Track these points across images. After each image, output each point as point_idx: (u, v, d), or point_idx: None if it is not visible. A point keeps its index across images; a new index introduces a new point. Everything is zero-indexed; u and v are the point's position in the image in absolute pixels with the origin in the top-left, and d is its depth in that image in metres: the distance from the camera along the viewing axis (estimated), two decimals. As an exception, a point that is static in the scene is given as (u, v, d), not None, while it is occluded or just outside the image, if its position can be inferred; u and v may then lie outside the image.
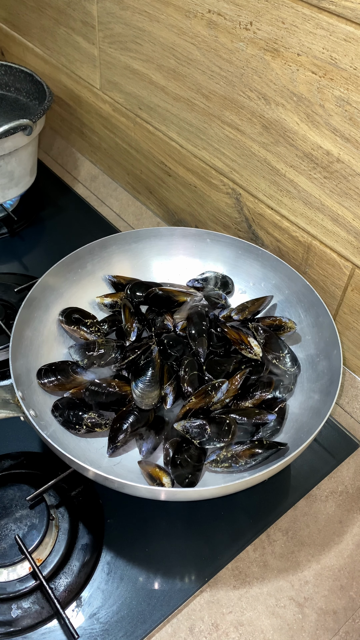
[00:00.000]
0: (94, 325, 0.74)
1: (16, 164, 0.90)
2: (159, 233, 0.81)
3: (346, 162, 0.61)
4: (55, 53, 1.01)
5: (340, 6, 0.54)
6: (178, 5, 0.71)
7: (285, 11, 0.59)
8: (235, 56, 0.67)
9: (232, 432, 0.61)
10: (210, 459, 0.61)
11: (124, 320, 0.72)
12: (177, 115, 0.81)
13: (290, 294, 0.74)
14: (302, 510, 0.66)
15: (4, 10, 1.09)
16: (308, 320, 0.72)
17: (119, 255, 0.81)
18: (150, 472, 0.61)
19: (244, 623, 0.57)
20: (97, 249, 0.79)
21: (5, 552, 0.58)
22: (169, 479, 0.60)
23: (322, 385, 0.66)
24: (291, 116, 0.65)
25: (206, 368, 0.68)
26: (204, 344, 0.69)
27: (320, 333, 0.70)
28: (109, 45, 0.87)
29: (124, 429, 0.63)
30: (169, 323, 0.73)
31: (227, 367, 0.68)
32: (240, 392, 0.67)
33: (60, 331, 0.74)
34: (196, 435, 0.62)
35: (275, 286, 0.76)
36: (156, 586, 0.59)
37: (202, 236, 0.80)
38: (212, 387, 0.64)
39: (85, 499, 0.65)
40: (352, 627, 0.58)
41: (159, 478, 0.60)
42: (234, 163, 0.76)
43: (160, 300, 0.75)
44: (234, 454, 0.61)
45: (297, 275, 0.73)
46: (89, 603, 0.58)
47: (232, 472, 0.61)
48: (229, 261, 0.80)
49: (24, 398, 0.62)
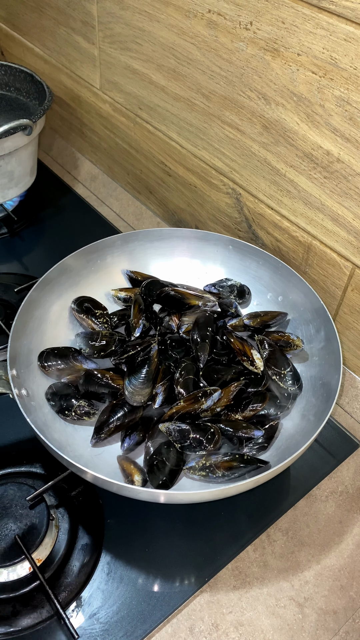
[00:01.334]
0: (103, 316, 0.75)
1: (16, 164, 0.90)
2: (182, 234, 0.81)
3: (346, 162, 0.61)
4: (55, 53, 1.01)
5: (340, 6, 0.54)
6: (178, 5, 0.71)
7: (285, 11, 0.59)
8: (235, 56, 0.67)
9: (215, 441, 0.60)
10: (189, 465, 0.61)
11: (131, 315, 0.73)
12: (177, 115, 0.81)
13: (305, 312, 0.73)
14: (302, 510, 0.66)
15: (4, 10, 1.09)
16: (317, 341, 0.70)
17: (140, 251, 0.81)
18: (124, 468, 0.62)
19: (244, 623, 0.57)
20: (119, 242, 0.79)
21: (5, 552, 0.58)
22: (141, 478, 0.60)
23: (318, 408, 0.65)
24: (291, 116, 0.65)
25: (203, 374, 0.67)
26: (205, 349, 0.68)
27: (326, 356, 0.68)
28: (109, 45, 0.87)
29: (110, 422, 0.63)
30: (173, 324, 0.73)
31: (224, 376, 0.67)
32: (234, 403, 0.66)
33: (71, 318, 0.75)
34: (178, 438, 0.61)
35: (292, 303, 0.74)
36: (156, 586, 0.59)
37: (225, 243, 0.79)
38: (204, 394, 0.64)
39: (85, 499, 0.65)
40: (352, 627, 0.58)
41: (131, 474, 0.61)
42: (234, 163, 0.76)
43: (171, 301, 0.75)
44: (213, 464, 0.60)
45: (315, 296, 0.71)
46: (89, 603, 0.58)
47: (209, 482, 0.61)
48: (249, 271, 0.79)
49: (18, 377, 0.63)
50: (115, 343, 0.70)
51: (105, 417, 0.64)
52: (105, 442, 0.65)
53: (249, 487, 0.56)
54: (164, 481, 0.59)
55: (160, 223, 0.97)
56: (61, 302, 0.75)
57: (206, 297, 0.76)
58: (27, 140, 0.88)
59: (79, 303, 0.75)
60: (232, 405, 0.65)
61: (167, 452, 0.61)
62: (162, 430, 0.62)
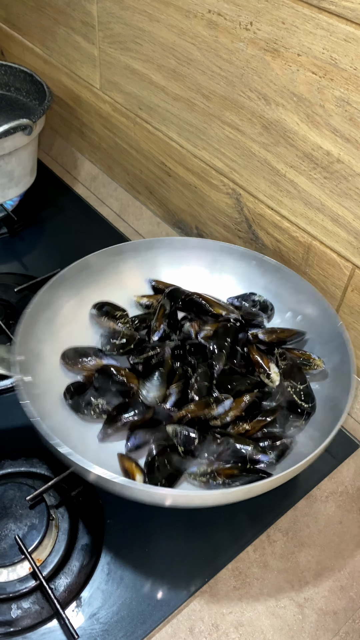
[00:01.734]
0: (124, 317, 0.76)
1: (16, 163, 0.90)
2: (206, 246, 0.80)
3: (346, 163, 0.61)
4: (55, 53, 1.01)
5: (340, 6, 0.54)
6: (178, 5, 0.71)
7: (285, 11, 0.59)
8: (235, 56, 0.67)
9: (220, 451, 0.60)
10: (191, 470, 0.60)
11: (155, 318, 0.74)
12: (177, 115, 0.81)
13: (324, 333, 0.71)
14: (302, 510, 0.66)
15: (4, 10, 1.09)
16: (331, 362, 0.69)
17: (162, 258, 0.80)
18: (126, 466, 0.62)
19: (244, 623, 0.57)
20: (143, 248, 0.79)
21: (5, 552, 0.58)
22: (142, 478, 0.60)
23: (323, 426, 0.63)
24: (291, 116, 0.65)
25: (217, 383, 0.67)
26: (221, 359, 0.68)
27: (338, 379, 0.67)
28: (109, 45, 0.87)
29: (120, 418, 0.63)
30: (192, 330, 0.73)
31: (238, 386, 0.67)
32: (245, 414, 0.65)
33: (86, 317, 0.76)
34: (183, 442, 0.61)
35: (312, 322, 0.73)
36: (156, 586, 0.59)
37: (247, 257, 0.78)
38: (215, 400, 0.64)
39: (85, 499, 0.65)
40: (352, 628, 0.58)
41: (132, 474, 0.61)
42: (234, 163, 0.76)
43: (195, 306, 0.75)
44: (214, 470, 0.60)
45: (335, 317, 0.69)
46: (89, 603, 0.58)
47: (209, 489, 0.60)
48: (271, 287, 0.77)
49: (25, 362, 0.64)
50: (135, 342, 0.71)
51: (116, 412, 0.64)
52: (112, 438, 0.65)
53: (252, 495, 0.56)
54: (162, 484, 0.59)
55: (160, 223, 0.97)
56: (78, 300, 0.76)
57: (230, 308, 0.76)
58: (27, 140, 0.88)
59: (98, 307, 0.76)
60: (243, 416, 0.65)
61: (169, 455, 0.61)
62: (169, 430, 0.62)
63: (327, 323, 0.70)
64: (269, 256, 0.79)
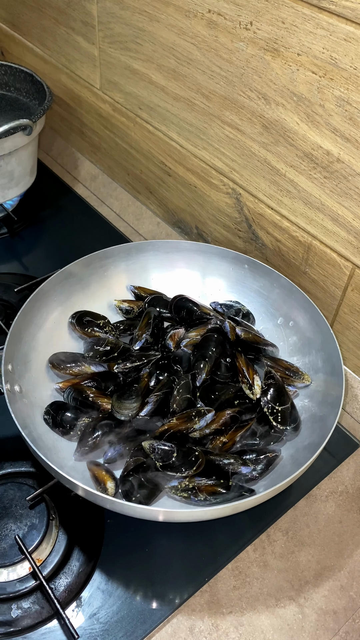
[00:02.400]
0: (107, 325, 0.75)
1: (16, 164, 0.90)
2: (199, 248, 0.80)
3: (346, 162, 0.61)
4: (55, 53, 1.01)
5: (340, 6, 0.54)
6: (178, 5, 0.71)
7: (285, 11, 0.59)
8: (235, 56, 0.67)
9: (198, 465, 0.59)
10: (172, 484, 0.60)
11: (138, 327, 0.74)
12: (177, 115, 0.81)
13: (315, 342, 0.71)
14: (302, 510, 0.66)
15: (4, 10, 1.09)
16: (322, 373, 0.69)
17: (153, 261, 0.81)
18: (95, 474, 0.61)
19: (244, 623, 0.57)
20: (134, 250, 0.79)
21: (5, 552, 0.58)
22: (113, 484, 0.60)
23: (311, 441, 0.63)
24: (291, 116, 0.65)
25: (200, 393, 0.66)
26: (204, 370, 0.67)
27: (327, 392, 0.66)
28: (109, 45, 0.87)
29: (95, 436, 0.63)
30: (171, 343, 0.73)
31: (221, 395, 0.67)
32: (224, 428, 0.65)
33: None
34: (160, 457, 0.60)
35: (302, 330, 0.73)
36: (156, 586, 0.59)
37: (240, 261, 0.78)
38: (197, 413, 0.63)
39: (85, 499, 0.64)
40: (352, 627, 0.58)
41: (103, 482, 0.60)
42: (234, 163, 0.76)
43: (183, 309, 0.75)
44: (196, 486, 0.59)
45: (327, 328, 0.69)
46: (89, 603, 0.58)
47: (190, 504, 0.60)
48: (263, 292, 0.77)
49: (13, 372, 0.64)
50: (119, 350, 0.71)
51: (90, 430, 0.63)
52: (89, 456, 0.63)
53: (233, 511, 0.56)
54: (137, 498, 0.59)
55: (160, 223, 0.97)
56: (66, 306, 0.76)
57: (216, 315, 0.76)
58: (27, 140, 0.88)
59: (77, 318, 0.75)
60: (221, 429, 0.64)
61: (146, 470, 0.60)
62: (145, 447, 0.61)
63: (319, 333, 0.70)
64: (269, 256, 0.79)
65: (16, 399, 0.62)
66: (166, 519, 0.57)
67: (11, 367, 0.64)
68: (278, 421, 0.64)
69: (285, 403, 0.66)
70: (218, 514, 0.57)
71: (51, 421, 0.66)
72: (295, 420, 0.66)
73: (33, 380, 0.68)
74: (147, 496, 0.59)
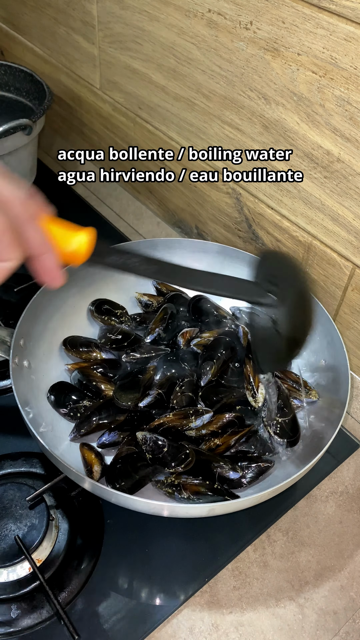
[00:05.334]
0: (124, 315, 0.77)
1: (16, 163, 0.90)
2: (223, 251, 0.79)
3: (346, 162, 0.61)
4: (55, 53, 1.01)
5: (341, 6, 0.54)
6: (178, 4, 0.70)
7: (285, 11, 0.59)
8: (235, 56, 0.67)
9: (187, 462, 0.60)
10: (159, 477, 0.61)
11: (152, 321, 0.74)
12: (177, 114, 0.81)
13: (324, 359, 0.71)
14: (303, 510, 0.66)
15: (4, 10, 1.09)
16: (327, 391, 0.69)
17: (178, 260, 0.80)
18: (85, 457, 0.63)
19: (244, 623, 0.57)
20: (161, 246, 0.79)
21: (5, 552, 0.58)
22: (100, 469, 0.61)
23: (305, 454, 0.63)
24: (291, 116, 0.65)
25: (202, 395, 0.67)
26: (210, 371, 0.68)
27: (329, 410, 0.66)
28: (109, 45, 0.87)
29: (93, 419, 0.64)
30: (181, 340, 0.73)
31: (223, 398, 0.67)
32: (221, 431, 0.65)
33: None
34: (151, 449, 0.61)
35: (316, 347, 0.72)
36: (156, 586, 0.59)
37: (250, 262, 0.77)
38: (195, 412, 0.64)
39: (85, 499, 0.64)
40: (352, 628, 0.58)
41: (91, 464, 0.62)
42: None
43: (200, 310, 0.76)
44: (181, 483, 0.59)
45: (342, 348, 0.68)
46: (88, 603, 0.58)
47: (173, 500, 0.60)
48: None
49: (24, 347, 0.65)
50: (130, 340, 0.72)
51: (89, 413, 0.65)
52: (84, 439, 0.65)
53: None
54: (121, 486, 0.59)
55: (160, 223, 0.97)
56: (84, 292, 0.77)
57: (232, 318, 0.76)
58: (26, 140, 0.87)
59: (97, 305, 0.77)
60: (217, 432, 0.65)
61: (136, 461, 0.61)
62: (139, 437, 0.62)
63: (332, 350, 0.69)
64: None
65: (22, 375, 0.64)
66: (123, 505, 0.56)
67: (23, 342, 0.66)
68: (277, 432, 0.64)
69: (287, 415, 0.65)
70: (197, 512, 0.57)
71: (54, 399, 0.67)
72: (294, 433, 0.65)
73: (44, 358, 0.70)
74: (132, 486, 0.60)
